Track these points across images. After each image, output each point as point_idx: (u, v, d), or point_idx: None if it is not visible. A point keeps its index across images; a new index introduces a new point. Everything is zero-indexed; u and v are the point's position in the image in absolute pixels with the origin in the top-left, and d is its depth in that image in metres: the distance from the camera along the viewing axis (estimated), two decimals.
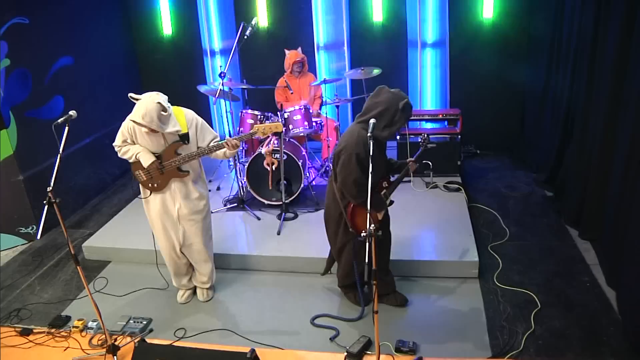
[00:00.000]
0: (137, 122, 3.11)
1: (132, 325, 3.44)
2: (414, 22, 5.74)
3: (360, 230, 3.16)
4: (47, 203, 2.77)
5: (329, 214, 3.37)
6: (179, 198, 3.40)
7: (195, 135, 3.30)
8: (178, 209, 3.42)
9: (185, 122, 3.26)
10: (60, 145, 2.92)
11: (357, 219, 3.22)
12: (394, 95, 3.03)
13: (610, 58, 3.64)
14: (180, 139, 3.26)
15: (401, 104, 2.98)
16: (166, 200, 3.41)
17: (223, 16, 6.18)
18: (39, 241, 4.80)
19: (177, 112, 3.26)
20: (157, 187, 3.37)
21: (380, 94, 3.07)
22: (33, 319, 3.64)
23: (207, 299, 3.72)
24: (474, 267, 3.74)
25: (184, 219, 3.44)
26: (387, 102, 3.00)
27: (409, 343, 3.09)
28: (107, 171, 5.93)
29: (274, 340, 3.24)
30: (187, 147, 3.29)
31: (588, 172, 4.11)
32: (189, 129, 3.26)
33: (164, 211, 3.43)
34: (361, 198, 3.03)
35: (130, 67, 6.50)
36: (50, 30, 5.01)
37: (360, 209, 3.17)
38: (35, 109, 4.83)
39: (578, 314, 3.31)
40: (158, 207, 3.43)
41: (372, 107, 3.06)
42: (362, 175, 2.97)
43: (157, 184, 3.36)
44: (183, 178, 3.36)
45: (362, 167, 2.99)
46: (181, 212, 3.42)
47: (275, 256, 4.01)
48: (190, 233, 3.49)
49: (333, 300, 3.63)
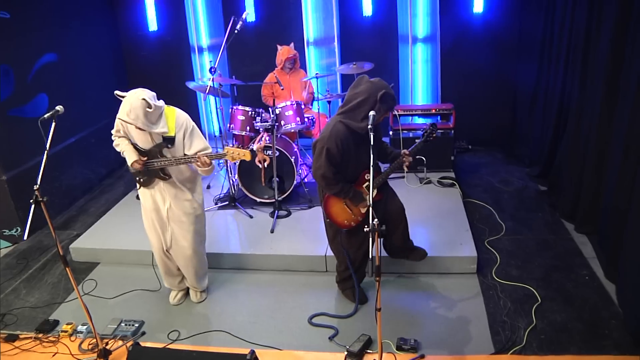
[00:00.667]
0: (123, 119, 3.00)
1: (124, 329, 3.32)
2: (405, 16, 5.69)
3: (335, 221, 3.24)
4: (33, 202, 2.66)
5: (323, 206, 3.31)
6: (168, 197, 3.29)
7: (182, 140, 3.15)
8: (168, 209, 3.31)
9: (174, 124, 3.12)
10: (47, 141, 2.80)
11: (331, 209, 3.22)
12: (373, 84, 2.97)
13: (605, 51, 3.63)
14: (165, 141, 3.12)
15: (379, 94, 2.92)
16: (156, 198, 3.31)
17: (211, 12, 6.06)
18: (23, 243, 4.64)
19: (169, 112, 3.13)
20: (144, 182, 3.27)
21: (359, 84, 3.01)
22: (19, 324, 3.50)
23: (200, 300, 3.61)
24: (473, 263, 3.70)
25: (173, 219, 3.33)
26: (366, 92, 2.95)
27: (410, 341, 3.03)
28: (93, 171, 5.77)
29: (271, 340, 3.15)
30: (172, 151, 3.15)
31: (583, 166, 4.10)
32: (176, 132, 3.12)
33: (154, 208, 3.33)
34: (330, 190, 3.09)
35: (115, 64, 6.33)
36: (32, 25, 4.84)
37: (334, 200, 3.18)
38: (19, 107, 4.66)
39: (578, 307, 3.28)
40: (149, 203, 3.33)
41: (352, 98, 3.00)
42: (331, 169, 3.00)
43: (143, 179, 3.26)
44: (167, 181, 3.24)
45: (332, 161, 2.99)
46: (171, 213, 3.32)
47: (270, 255, 3.92)
48: (179, 236, 3.36)
49: (330, 298, 3.56)
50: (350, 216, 3.21)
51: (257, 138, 4.64)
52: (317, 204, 4.62)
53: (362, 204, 3.16)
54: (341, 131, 2.98)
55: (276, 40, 5.36)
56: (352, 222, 3.23)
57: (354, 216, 3.21)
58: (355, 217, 3.22)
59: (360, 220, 3.22)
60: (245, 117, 4.72)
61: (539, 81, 5.28)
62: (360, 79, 3.04)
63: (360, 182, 3.18)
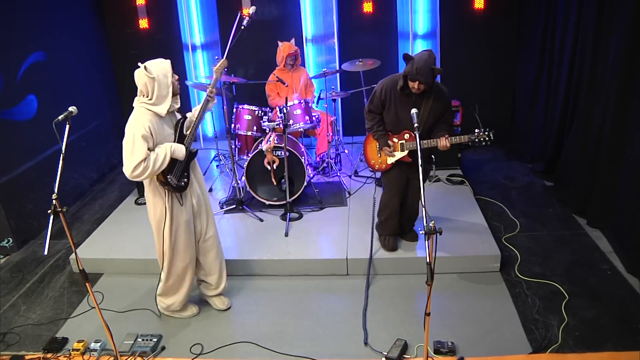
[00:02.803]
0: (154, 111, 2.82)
1: (141, 344, 3.11)
2: (405, 13, 5.63)
3: (367, 159, 3.73)
4: (52, 212, 2.44)
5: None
6: (194, 183, 3.12)
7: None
8: (198, 196, 3.15)
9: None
10: (63, 144, 2.59)
11: (367, 147, 3.68)
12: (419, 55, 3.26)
13: (621, 43, 3.62)
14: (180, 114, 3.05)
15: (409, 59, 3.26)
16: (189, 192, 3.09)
17: (205, 9, 5.84)
18: (16, 255, 4.34)
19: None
20: (188, 179, 3.04)
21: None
22: (22, 343, 3.25)
23: (228, 305, 3.44)
24: (496, 261, 3.66)
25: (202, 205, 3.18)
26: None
27: (447, 343, 2.95)
28: (84, 175, 5.48)
29: (303, 350, 3.01)
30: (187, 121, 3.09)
31: (595, 160, 4.11)
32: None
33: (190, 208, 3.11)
34: (366, 124, 3.58)
35: (103, 64, 6.03)
36: (18, 25, 4.53)
37: (370, 140, 3.65)
38: (7, 110, 4.35)
39: (606, 303, 3.27)
40: (188, 206, 3.09)
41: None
42: (371, 106, 3.48)
43: (187, 176, 3.04)
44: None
45: (373, 100, 3.46)
46: (200, 200, 3.15)
47: (287, 259, 3.78)
48: (209, 223, 3.25)
49: (356, 301, 3.44)
50: (377, 160, 3.62)
51: (265, 138, 4.47)
52: (327, 205, 4.50)
53: (385, 149, 3.51)
54: (390, 81, 3.38)
55: (274, 38, 5.20)
56: (376, 166, 3.65)
57: (380, 162, 3.60)
58: (381, 164, 3.61)
59: (385, 168, 3.61)
60: (252, 116, 4.56)
61: (539, 76, 5.30)
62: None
63: (398, 136, 3.50)
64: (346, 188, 4.80)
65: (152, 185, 2.97)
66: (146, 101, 2.81)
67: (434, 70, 3.14)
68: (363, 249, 3.78)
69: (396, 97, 3.36)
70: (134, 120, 2.79)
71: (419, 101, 3.34)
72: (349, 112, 6.08)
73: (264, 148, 4.27)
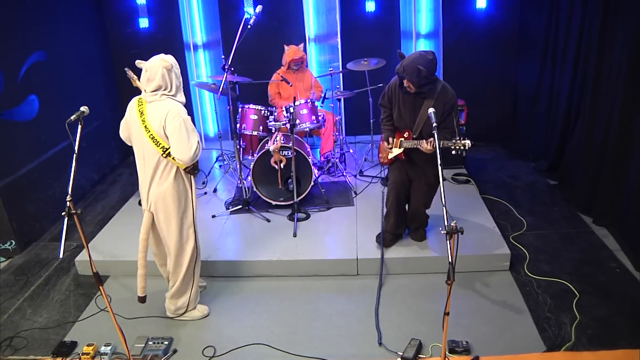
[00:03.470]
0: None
1: (153, 347, 3.07)
2: (408, 12, 5.62)
3: (378, 152, 3.81)
4: (66, 215, 2.40)
5: None
6: None
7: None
8: None
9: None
10: (75, 145, 2.56)
11: (380, 147, 3.74)
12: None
13: (628, 41, 3.64)
14: None
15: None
16: None
17: (207, 8, 5.80)
18: (19, 258, 4.27)
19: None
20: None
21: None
22: (30, 347, 3.20)
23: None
24: (506, 260, 3.66)
25: None
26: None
27: (462, 342, 2.95)
28: (85, 176, 5.41)
29: (317, 351, 2.99)
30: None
31: (601, 159, 4.13)
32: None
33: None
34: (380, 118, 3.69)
35: (104, 64, 5.96)
36: (20, 24, 4.46)
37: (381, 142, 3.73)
38: (9, 110, 4.28)
39: (618, 301, 3.28)
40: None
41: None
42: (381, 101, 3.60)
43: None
44: None
45: (383, 97, 3.58)
46: None
47: (297, 260, 3.75)
48: None
49: (368, 301, 3.42)
50: (381, 153, 3.70)
51: (271, 138, 4.43)
52: (334, 205, 4.48)
53: (384, 144, 3.58)
54: (396, 79, 3.39)
55: (276, 38, 5.18)
56: (381, 159, 3.75)
57: (383, 156, 3.68)
58: (384, 158, 3.69)
59: (387, 162, 3.70)
60: (258, 116, 4.52)
61: (542, 76, 5.31)
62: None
63: (400, 133, 3.56)
64: (352, 188, 4.78)
65: (177, 177, 2.99)
66: (167, 93, 2.85)
67: (420, 70, 3.12)
68: (373, 249, 3.77)
69: (399, 95, 3.45)
70: (172, 109, 2.81)
71: (419, 100, 3.35)
72: (351, 111, 6.07)
73: (270, 148, 4.24)
